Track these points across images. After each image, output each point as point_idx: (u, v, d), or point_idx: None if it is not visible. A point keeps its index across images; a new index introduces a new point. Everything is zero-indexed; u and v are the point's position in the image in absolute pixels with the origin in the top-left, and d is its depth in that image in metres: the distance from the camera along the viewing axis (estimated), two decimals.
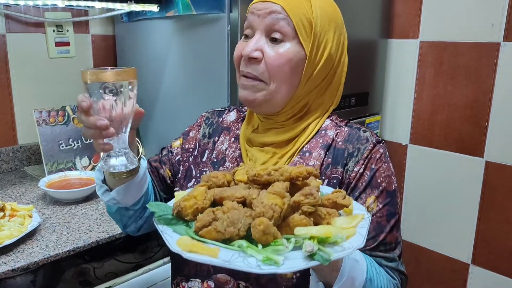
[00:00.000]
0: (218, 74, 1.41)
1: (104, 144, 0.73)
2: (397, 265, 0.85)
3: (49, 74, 1.76)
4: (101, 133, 0.71)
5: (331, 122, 0.92)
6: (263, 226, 0.58)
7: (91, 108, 0.71)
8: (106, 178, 0.87)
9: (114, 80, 0.70)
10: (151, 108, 1.74)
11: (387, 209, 0.84)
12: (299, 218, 0.62)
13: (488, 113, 1.70)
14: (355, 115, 1.82)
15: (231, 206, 0.63)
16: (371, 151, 0.85)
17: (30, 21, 1.67)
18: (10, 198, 1.41)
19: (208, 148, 1.00)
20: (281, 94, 0.86)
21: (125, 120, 0.73)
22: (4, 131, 1.68)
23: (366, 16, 1.79)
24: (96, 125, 0.70)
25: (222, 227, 0.60)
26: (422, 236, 1.98)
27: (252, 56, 0.84)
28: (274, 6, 0.83)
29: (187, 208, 0.65)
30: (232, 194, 0.67)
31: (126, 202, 0.89)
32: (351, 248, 0.58)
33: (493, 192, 1.74)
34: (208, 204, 0.67)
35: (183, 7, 1.46)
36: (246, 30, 0.88)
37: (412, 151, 1.94)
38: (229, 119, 1.02)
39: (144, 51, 1.73)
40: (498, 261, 1.77)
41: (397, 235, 0.85)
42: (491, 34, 1.65)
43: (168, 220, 0.67)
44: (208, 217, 0.61)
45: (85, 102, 0.70)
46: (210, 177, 0.73)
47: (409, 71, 1.90)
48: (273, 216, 0.59)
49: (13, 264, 1.02)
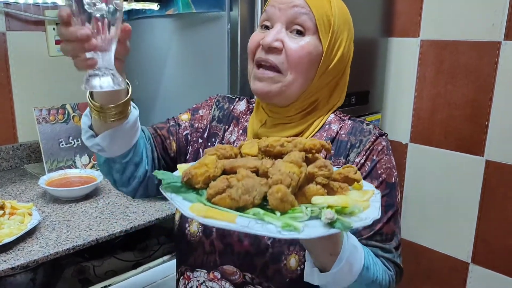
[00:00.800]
0: (218, 72, 1.41)
1: (86, 59, 0.67)
2: (393, 256, 0.85)
3: (49, 72, 1.76)
4: (83, 45, 0.65)
5: (335, 116, 0.93)
6: (281, 193, 0.56)
7: (71, 19, 0.64)
8: (93, 122, 0.82)
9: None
10: (151, 106, 1.74)
11: (385, 200, 0.84)
12: (316, 188, 0.61)
13: (489, 112, 1.70)
14: (355, 113, 1.82)
15: (246, 174, 0.61)
16: (373, 143, 0.86)
17: (30, 19, 1.67)
18: (10, 196, 1.41)
19: (217, 133, 1.00)
20: (296, 86, 0.87)
21: (109, 36, 0.66)
22: (4, 129, 1.68)
23: (367, 14, 1.78)
24: (77, 35, 0.64)
25: (236, 194, 0.58)
26: (422, 234, 1.98)
27: (273, 45, 0.84)
28: (297, 1, 0.85)
29: (198, 176, 0.62)
30: (244, 164, 0.65)
31: (112, 151, 0.84)
32: (368, 218, 0.58)
33: (493, 191, 1.74)
34: (219, 172, 0.64)
35: (183, 5, 1.46)
36: (264, 22, 0.89)
37: (412, 150, 1.94)
38: (240, 108, 1.02)
39: (144, 49, 1.72)
40: (498, 260, 1.77)
41: (394, 228, 0.86)
42: (492, 33, 1.65)
43: (177, 188, 0.64)
44: (222, 184, 0.59)
45: (64, 11, 0.63)
46: (218, 148, 0.71)
47: (410, 70, 1.90)
48: (291, 184, 0.58)
49: (13, 262, 1.02)
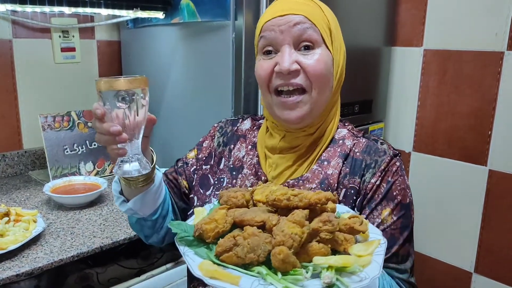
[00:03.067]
0: (222, 81, 1.42)
1: (117, 149, 0.75)
2: (408, 276, 0.85)
3: (55, 80, 1.77)
4: (115, 138, 0.73)
5: (348, 132, 0.93)
6: (283, 255, 0.59)
7: (105, 116, 0.73)
8: (123, 188, 0.89)
9: (127, 88, 0.73)
10: (156, 114, 1.73)
11: (401, 222, 0.85)
12: (318, 246, 0.64)
13: (492, 121, 1.70)
14: (358, 122, 1.82)
15: (252, 232, 0.64)
16: (388, 163, 0.86)
17: (36, 27, 1.69)
18: (14, 203, 1.42)
19: (224, 156, 1.01)
20: (322, 101, 0.87)
21: (137, 127, 0.76)
22: (9, 135, 1.69)
23: (370, 24, 1.79)
24: (110, 131, 0.73)
25: (242, 252, 0.62)
26: (425, 244, 1.97)
27: (292, 69, 0.83)
28: (297, 18, 0.84)
29: (208, 231, 0.67)
30: (252, 218, 0.68)
31: (143, 212, 0.91)
32: (368, 278, 0.60)
33: (496, 201, 1.74)
34: (228, 227, 0.69)
35: (188, 14, 1.47)
36: (266, 48, 0.87)
37: (415, 159, 1.94)
38: (244, 127, 1.03)
39: (149, 57, 1.74)
40: (501, 270, 1.76)
41: (409, 248, 0.86)
42: (495, 43, 1.65)
43: (190, 241, 0.69)
44: (229, 242, 0.63)
45: (99, 110, 0.73)
46: (229, 197, 0.75)
47: (413, 79, 1.90)
48: (293, 245, 0.61)
49: (17, 269, 1.03)
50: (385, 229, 0.83)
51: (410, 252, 0.86)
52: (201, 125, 1.22)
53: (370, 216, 0.84)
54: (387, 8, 1.85)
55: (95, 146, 1.68)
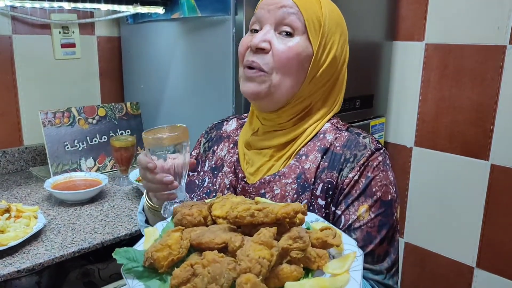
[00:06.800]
0: (223, 76, 1.41)
1: (169, 195, 0.83)
2: (383, 278, 0.81)
3: (55, 76, 1.77)
4: (167, 187, 0.81)
5: (332, 125, 0.90)
6: (250, 284, 0.51)
7: (155, 168, 0.80)
8: (149, 218, 0.94)
9: (175, 143, 0.81)
10: (156, 110, 1.74)
11: (380, 220, 0.80)
12: (289, 270, 0.56)
13: (494, 116, 1.70)
14: (359, 117, 1.82)
15: (212, 258, 0.56)
16: (368, 158, 0.82)
17: (36, 23, 1.68)
18: (15, 199, 1.42)
19: (208, 158, 1.00)
20: (284, 88, 0.85)
21: (184, 171, 0.84)
22: (10, 132, 1.69)
23: (372, 18, 1.78)
24: (163, 182, 0.80)
25: (202, 284, 0.53)
26: (426, 239, 1.97)
27: (260, 46, 0.83)
28: (285, 1, 0.84)
29: (161, 260, 0.58)
30: (211, 240, 0.60)
31: None
32: None
33: (498, 195, 1.73)
34: (184, 252, 0.60)
35: (189, 9, 1.47)
36: (253, 25, 0.88)
37: (416, 154, 1.94)
38: (229, 128, 1.02)
39: (149, 52, 1.73)
40: (503, 265, 1.76)
41: (388, 248, 0.82)
42: (497, 37, 1.64)
43: (140, 273, 0.59)
44: (186, 273, 0.54)
45: (151, 164, 0.79)
46: (184, 215, 0.67)
47: (414, 74, 1.89)
48: (261, 271, 0.53)
49: (19, 265, 1.03)
50: (361, 226, 0.80)
51: (389, 251, 0.82)
52: (202, 120, 1.21)
53: (345, 212, 0.81)
54: (389, 2, 1.84)
55: (96, 142, 1.68)
